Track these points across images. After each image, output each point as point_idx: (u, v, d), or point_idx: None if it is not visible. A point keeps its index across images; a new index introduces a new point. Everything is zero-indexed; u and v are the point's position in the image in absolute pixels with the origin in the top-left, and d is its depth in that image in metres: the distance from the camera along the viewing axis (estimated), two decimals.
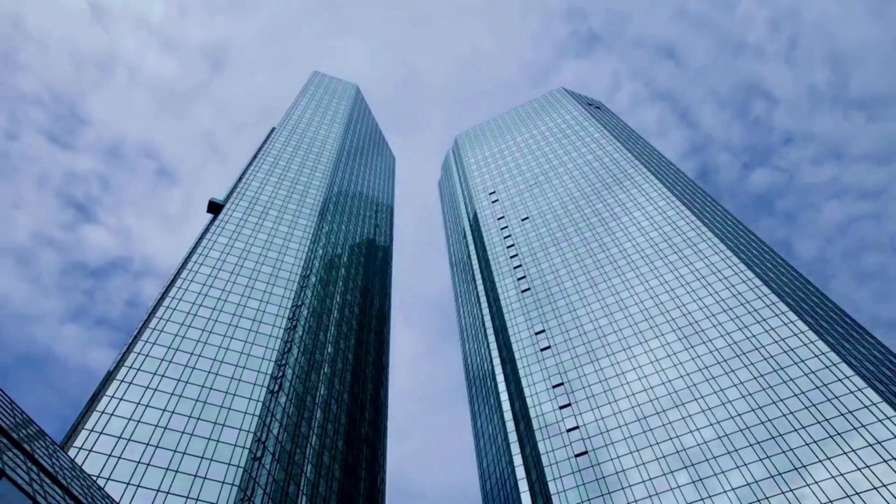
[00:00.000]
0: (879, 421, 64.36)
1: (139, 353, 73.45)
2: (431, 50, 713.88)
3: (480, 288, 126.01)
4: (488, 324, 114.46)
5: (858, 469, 61.27)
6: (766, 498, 62.88)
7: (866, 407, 66.27)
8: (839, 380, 70.35)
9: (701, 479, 67.97)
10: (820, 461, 63.67)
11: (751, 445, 68.62)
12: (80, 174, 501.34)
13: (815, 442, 65.65)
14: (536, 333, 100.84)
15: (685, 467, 70.13)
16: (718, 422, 73.01)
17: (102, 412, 64.39)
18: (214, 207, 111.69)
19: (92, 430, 61.95)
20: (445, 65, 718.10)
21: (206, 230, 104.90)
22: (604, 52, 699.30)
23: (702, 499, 66.08)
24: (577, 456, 77.52)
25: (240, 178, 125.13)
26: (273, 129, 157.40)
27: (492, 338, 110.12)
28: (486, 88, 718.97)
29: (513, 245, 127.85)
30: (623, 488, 71.28)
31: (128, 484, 58.01)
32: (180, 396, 70.10)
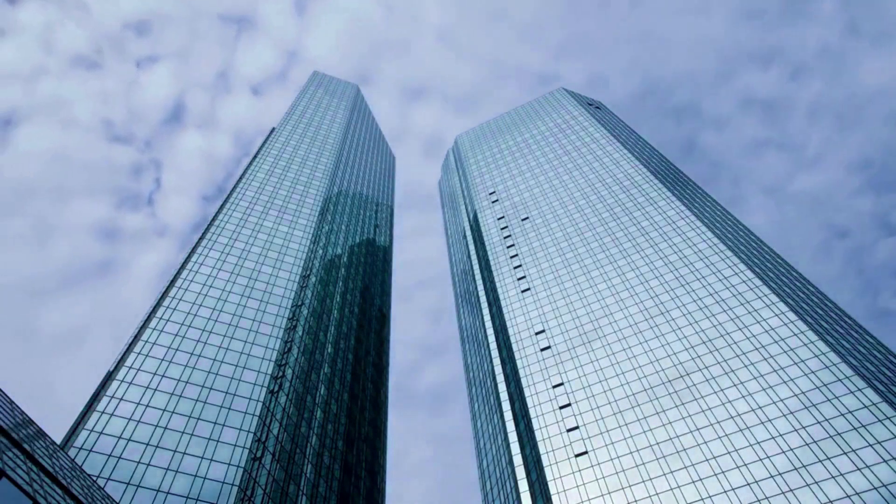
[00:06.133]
0: (879, 421, 64.36)
1: (139, 353, 73.49)
2: (432, 49, 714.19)
3: (480, 288, 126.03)
4: (488, 324, 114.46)
5: (858, 469, 61.27)
6: (766, 498, 62.88)
7: (866, 407, 66.28)
8: (839, 380, 70.35)
9: (701, 479, 67.98)
10: (820, 461, 63.67)
11: (750, 445, 68.62)
12: None
13: (814, 442, 65.65)
14: (536, 333, 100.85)
15: (685, 467, 70.12)
16: (718, 422, 73.01)
17: (102, 412, 64.44)
18: None
19: (92, 430, 61.99)
20: (447, 64, 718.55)
21: (206, 230, 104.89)
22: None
23: (702, 499, 66.08)
24: (577, 456, 77.52)
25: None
26: (273, 129, 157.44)
27: (492, 338, 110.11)
28: (486, 88, 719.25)
29: (513, 245, 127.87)
30: (623, 488, 71.28)
31: (128, 484, 58.05)
32: (180, 396, 70.14)
